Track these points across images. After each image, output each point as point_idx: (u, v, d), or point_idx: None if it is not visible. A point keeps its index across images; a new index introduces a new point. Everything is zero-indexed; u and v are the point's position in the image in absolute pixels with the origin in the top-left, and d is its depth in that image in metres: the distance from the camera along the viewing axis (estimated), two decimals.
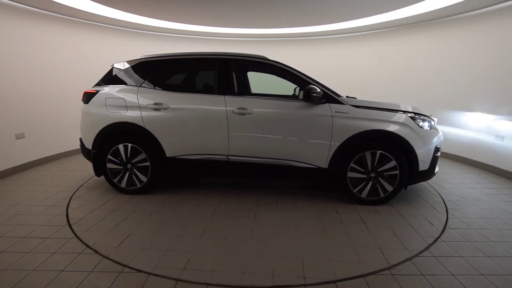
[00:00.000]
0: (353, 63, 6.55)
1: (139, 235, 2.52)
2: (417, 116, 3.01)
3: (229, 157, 3.16)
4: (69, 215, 2.87)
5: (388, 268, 2.05)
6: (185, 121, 3.14)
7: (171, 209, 3.04)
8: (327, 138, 2.98)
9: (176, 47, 6.62)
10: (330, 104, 2.99)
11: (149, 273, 1.98)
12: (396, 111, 2.99)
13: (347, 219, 2.81)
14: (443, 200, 3.27)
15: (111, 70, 3.50)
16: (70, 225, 2.66)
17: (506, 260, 2.16)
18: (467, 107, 4.74)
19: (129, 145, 3.25)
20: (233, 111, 3.04)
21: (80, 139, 3.54)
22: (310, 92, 2.90)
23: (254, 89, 4.25)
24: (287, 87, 3.46)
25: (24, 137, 4.39)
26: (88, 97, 3.37)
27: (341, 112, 2.95)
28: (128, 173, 3.34)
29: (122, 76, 3.39)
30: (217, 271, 2.03)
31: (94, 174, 3.37)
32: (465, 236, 2.50)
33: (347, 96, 3.43)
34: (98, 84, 3.47)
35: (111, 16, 5.12)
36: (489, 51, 4.38)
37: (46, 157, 4.79)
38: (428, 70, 5.33)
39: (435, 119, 3.27)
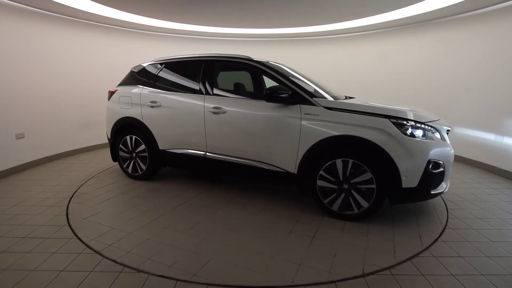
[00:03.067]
0: (353, 63, 6.55)
1: (106, 213, 2.94)
2: (406, 123, 2.49)
3: (207, 153, 3.33)
4: (69, 214, 2.87)
5: (388, 268, 2.05)
6: (172, 118, 3.46)
7: (151, 196, 3.38)
8: (295, 141, 2.77)
9: (176, 47, 6.63)
10: (301, 105, 2.77)
11: (149, 273, 1.98)
12: (377, 115, 2.53)
13: (300, 230, 2.58)
14: (443, 200, 3.27)
15: (130, 72, 4.03)
16: (70, 225, 2.66)
17: (506, 260, 2.16)
18: (467, 106, 4.73)
19: (133, 137, 3.76)
20: (209, 110, 3.18)
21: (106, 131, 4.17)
22: (271, 92, 2.76)
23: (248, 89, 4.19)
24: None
25: (24, 137, 4.39)
26: (110, 95, 4.02)
27: (310, 114, 2.71)
28: (132, 161, 3.86)
29: (134, 77, 3.91)
30: (132, 253, 2.23)
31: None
32: (465, 236, 2.50)
33: (346, 97, 3.42)
34: (119, 84, 4.05)
35: (112, 16, 5.12)
36: (490, 51, 4.38)
37: (46, 157, 4.79)
38: (428, 69, 5.32)
39: (445, 128, 2.74)
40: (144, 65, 3.87)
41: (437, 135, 2.62)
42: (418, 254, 2.23)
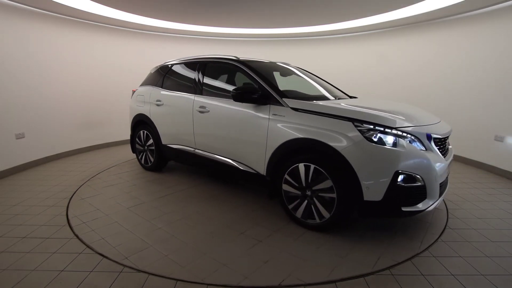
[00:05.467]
0: (353, 63, 6.55)
1: (102, 196, 3.34)
2: (372, 127, 2.21)
3: (195, 150, 3.50)
4: (69, 215, 2.87)
5: (388, 268, 2.05)
6: (171, 115, 3.71)
7: (148, 185, 3.72)
8: (263, 142, 2.71)
9: (176, 47, 6.63)
10: (271, 105, 2.70)
11: (149, 273, 1.98)
12: (341, 117, 2.31)
13: (254, 233, 2.53)
14: (443, 200, 3.26)
15: (148, 73, 4.39)
16: (70, 225, 2.66)
17: (506, 260, 2.16)
18: (467, 106, 4.73)
19: (145, 131, 4.13)
20: (196, 109, 3.34)
21: None
22: (240, 92, 2.71)
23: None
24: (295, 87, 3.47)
25: (24, 137, 4.39)
26: (132, 93, 4.49)
27: (278, 115, 2.62)
28: (144, 153, 4.25)
29: (150, 78, 4.25)
30: (94, 232, 2.55)
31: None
32: (465, 236, 2.49)
33: (349, 96, 3.44)
34: (140, 85, 4.40)
35: (112, 16, 5.12)
36: (490, 51, 4.38)
37: (46, 157, 4.79)
38: (428, 70, 5.32)
39: (433, 135, 2.32)
40: (158, 66, 4.21)
41: (416, 143, 2.23)
42: (418, 254, 2.23)
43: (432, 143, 2.31)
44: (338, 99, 3.14)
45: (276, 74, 3.59)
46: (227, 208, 3.03)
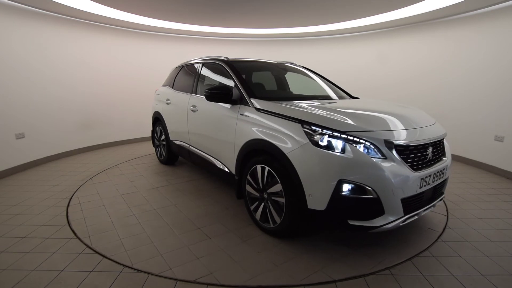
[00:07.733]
0: (353, 63, 6.55)
1: (108, 183, 3.74)
2: (319, 130, 2.03)
3: (190, 147, 3.67)
4: (69, 215, 2.87)
5: (388, 268, 2.05)
6: (174, 114, 3.98)
7: (151, 177, 4.02)
8: (232, 141, 2.73)
9: (176, 47, 6.63)
10: (241, 105, 2.69)
11: (149, 273, 1.99)
12: (293, 119, 2.19)
13: (209, 230, 2.56)
14: (443, 200, 3.26)
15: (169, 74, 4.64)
16: (70, 225, 2.66)
17: (506, 260, 2.16)
18: (467, 106, 4.74)
19: (159, 128, 4.50)
20: (190, 108, 3.51)
21: None
22: (210, 91, 2.72)
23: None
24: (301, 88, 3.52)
25: (24, 137, 4.39)
26: (155, 92, 4.81)
27: (243, 115, 2.61)
28: (159, 147, 4.67)
29: (167, 79, 4.55)
30: (82, 209, 2.96)
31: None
32: (465, 236, 2.49)
33: (352, 96, 3.44)
34: (162, 85, 4.67)
35: (112, 16, 5.12)
36: (489, 51, 4.38)
37: (46, 157, 4.79)
38: (428, 70, 5.32)
39: (396, 141, 1.99)
40: (173, 68, 4.51)
41: (371, 150, 1.95)
42: (418, 254, 2.23)
43: (394, 152, 1.98)
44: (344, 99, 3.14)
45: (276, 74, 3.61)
46: (203, 204, 3.12)
